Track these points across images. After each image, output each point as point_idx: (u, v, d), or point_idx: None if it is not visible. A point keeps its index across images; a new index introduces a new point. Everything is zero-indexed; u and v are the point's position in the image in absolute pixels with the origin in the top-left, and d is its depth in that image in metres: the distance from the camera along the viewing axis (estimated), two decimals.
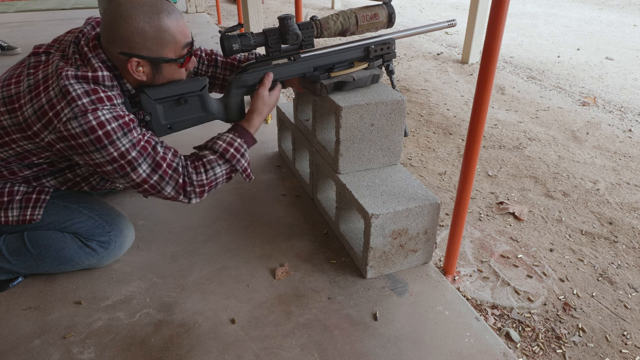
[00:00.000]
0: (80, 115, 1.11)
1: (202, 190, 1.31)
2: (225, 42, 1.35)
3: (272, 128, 2.40)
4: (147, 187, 1.23)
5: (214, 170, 1.31)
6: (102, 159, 1.16)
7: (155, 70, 1.24)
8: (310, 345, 1.18)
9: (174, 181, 1.26)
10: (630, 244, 1.75)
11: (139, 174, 1.20)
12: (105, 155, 1.16)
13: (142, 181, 1.22)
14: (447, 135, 2.65)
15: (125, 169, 1.19)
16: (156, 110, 1.32)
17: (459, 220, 1.39)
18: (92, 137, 1.13)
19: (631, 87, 3.48)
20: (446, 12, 6.32)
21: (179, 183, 1.26)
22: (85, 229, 1.37)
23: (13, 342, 1.18)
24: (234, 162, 1.33)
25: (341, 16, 1.44)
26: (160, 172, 1.23)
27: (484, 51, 1.15)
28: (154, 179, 1.23)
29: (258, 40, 1.39)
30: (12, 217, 1.31)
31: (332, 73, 1.46)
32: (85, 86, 1.14)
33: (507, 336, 1.35)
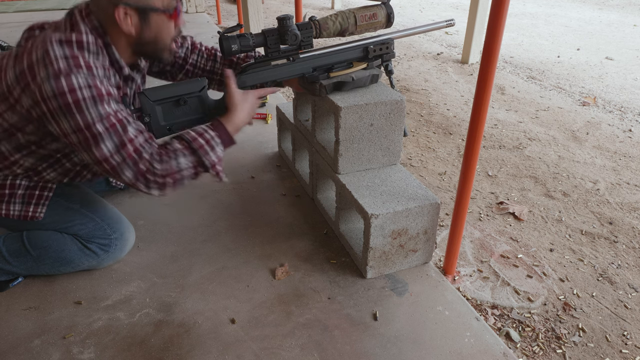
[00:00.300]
0: (53, 77, 1.08)
1: (164, 182, 1.22)
2: (224, 43, 1.34)
3: (272, 128, 2.40)
4: (107, 167, 1.17)
5: (178, 160, 1.23)
6: (68, 126, 1.12)
7: (143, 21, 1.19)
8: (310, 345, 1.18)
9: (136, 167, 1.18)
10: (630, 244, 1.75)
11: (102, 151, 1.14)
12: (71, 122, 1.11)
13: (104, 159, 1.15)
14: (447, 135, 2.65)
15: (88, 141, 1.13)
16: (155, 112, 1.31)
17: (459, 220, 1.39)
18: (61, 101, 1.09)
19: (631, 87, 3.48)
20: (446, 12, 6.32)
21: (140, 170, 1.19)
22: (86, 231, 1.36)
23: (13, 342, 1.18)
24: (201, 153, 1.24)
25: (340, 16, 1.44)
26: (124, 154, 1.16)
27: (484, 51, 1.15)
28: (116, 160, 1.16)
29: (257, 41, 1.39)
30: (14, 212, 1.30)
31: (332, 73, 1.46)
32: (67, 51, 1.11)
33: (507, 336, 1.35)
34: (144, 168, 1.19)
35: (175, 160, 1.22)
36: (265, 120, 2.49)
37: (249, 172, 1.99)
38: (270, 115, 2.51)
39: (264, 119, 2.50)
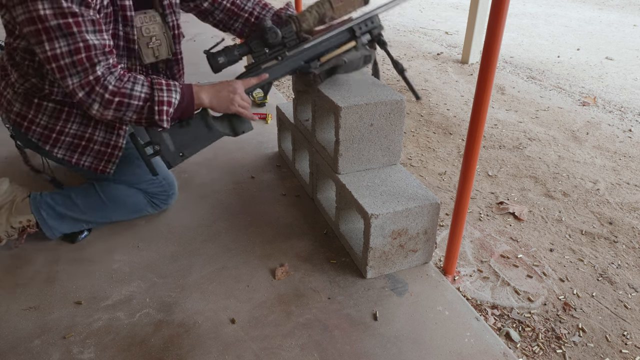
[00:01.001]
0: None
1: (110, 100, 1.20)
2: (211, 60, 1.35)
3: (272, 128, 2.40)
4: (54, 66, 1.14)
5: (134, 86, 1.22)
6: (22, 15, 1.09)
7: None
8: (310, 345, 1.18)
9: (85, 74, 1.15)
10: (630, 244, 1.75)
11: (53, 48, 1.11)
12: (25, 12, 1.08)
13: (52, 57, 1.12)
14: (447, 135, 2.65)
15: (40, 35, 1.10)
16: (163, 139, 1.34)
17: (459, 220, 1.39)
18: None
19: (631, 87, 3.48)
20: (446, 12, 6.32)
21: (88, 79, 1.16)
22: (152, 189, 1.58)
23: (13, 342, 1.18)
24: (156, 88, 1.24)
25: (315, 6, 1.45)
26: (76, 58, 1.13)
27: (484, 51, 1.15)
28: (66, 61, 1.13)
29: (242, 51, 1.39)
30: (85, 162, 1.45)
31: (322, 58, 1.45)
32: None
33: (507, 336, 1.35)
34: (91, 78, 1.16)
35: (131, 84, 1.21)
36: (265, 120, 2.49)
37: (249, 172, 1.99)
38: (270, 115, 2.51)
39: (264, 119, 2.50)
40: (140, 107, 1.24)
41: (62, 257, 1.48)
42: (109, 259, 1.48)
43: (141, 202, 1.59)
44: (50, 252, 1.50)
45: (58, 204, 1.50)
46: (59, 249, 1.51)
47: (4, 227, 1.46)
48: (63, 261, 1.46)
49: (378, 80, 1.58)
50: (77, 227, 1.54)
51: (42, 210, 1.48)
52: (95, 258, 1.48)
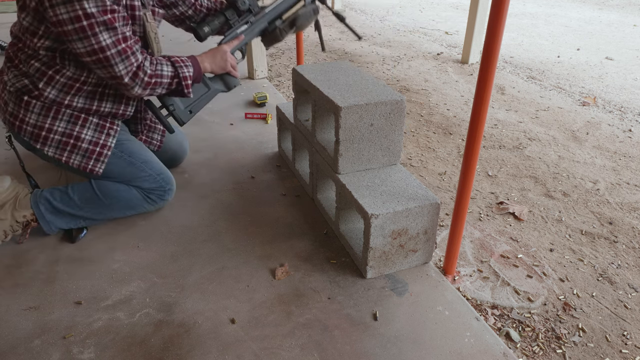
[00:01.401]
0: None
1: (148, 82, 1.39)
2: (199, 31, 1.62)
3: (272, 128, 2.40)
4: (102, 56, 1.28)
5: (162, 67, 1.43)
6: (65, 15, 1.21)
7: None
8: (310, 345, 1.18)
9: (129, 62, 1.33)
10: (630, 244, 1.75)
11: (99, 41, 1.26)
12: (70, 11, 1.20)
13: (100, 49, 1.27)
14: (447, 135, 2.65)
15: (85, 32, 1.23)
16: (174, 101, 1.59)
17: (459, 220, 1.39)
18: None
19: (631, 87, 3.48)
20: (446, 12, 6.32)
21: (133, 65, 1.34)
22: (147, 185, 1.59)
23: (13, 342, 1.19)
24: (178, 66, 1.46)
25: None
26: (120, 48, 1.30)
27: (484, 51, 1.15)
28: (112, 51, 1.29)
29: (220, 20, 1.67)
30: (74, 161, 1.48)
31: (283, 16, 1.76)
32: None
33: (507, 336, 1.35)
34: (135, 65, 1.34)
35: (160, 66, 1.43)
36: (265, 120, 2.49)
37: (249, 172, 1.99)
38: (270, 115, 2.51)
39: (264, 119, 2.50)
40: (169, 84, 1.47)
41: (62, 257, 1.48)
42: (109, 259, 1.48)
43: (136, 198, 1.59)
44: (50, 252, 1.50)
45: (56, 199, 1.52)
46: (59, 249, 1.51)
47: (9, 221, 1.49)
48: (63, 261, 1.46)
49: (378, 80, 1.58)
50: (74, 223, 1.56)
51: (41, 204, 1.51)
52: (95, 258, 1.48)
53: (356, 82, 1.57)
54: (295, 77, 1.73)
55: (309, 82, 1.59)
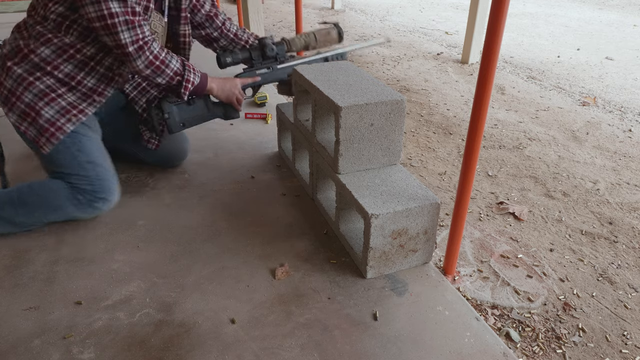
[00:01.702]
0: None
1: (152, 61, 1.48)
2: (220, 58, 1.77)
3: (272, 128, 2.40)
4: (109, 22, 1.38)
5: (171, 60, 1.53)
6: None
7: None
8: (310, 345, 1.18)
9: (135, 32, 1.42)
10: (630, 244, 1.75)
11: (109, 7, 1.35)
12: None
13: (109, 15, 1.36)
14: (447, 135, 2.65)
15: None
16: (172, 110, 1.69)
17: (459, 220, 1.39)
18: None
19: (631, 87, 3.48)
20: (446, 12, 6.32)
21: (138, 36, 1.43)
22: (80, 184, 1.53)
23: (13, 342, 1.19)
24: (187, 69, 1.58)
25: (304, 36, 1.90)
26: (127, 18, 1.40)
27: (484, 51, 1.15)
28: (120, 19, 1.38)
29: (244, 55, 1.81)
30: (31, 133, 1.48)
31: None
32: None
33: (507, 336, 1.35)
34: (141, 38, 1.43)
35: (169, 57, 1.53)
36: (265, 120, 2.49)
37: (249, 172, 1.99)
38: (270, 115, 2.51)
39: (264, 119, 2.50)
40: (171, 78, 1.55)
41: (62, 257, 1.48)
42: (109, 259, 1.48)
43: (62, 197, 1.53)
44: (50, 252, 1.50)
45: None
46: (59, 249, 1.51)
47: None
48: (63, 261, 1.46)
49: (378, 80, 1.58)
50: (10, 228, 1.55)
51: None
52: (95, 258, 1.48)
53: (356, 82, 1.57)
54: (295, 77, 1.73)
55: (309, 82, 1.59)
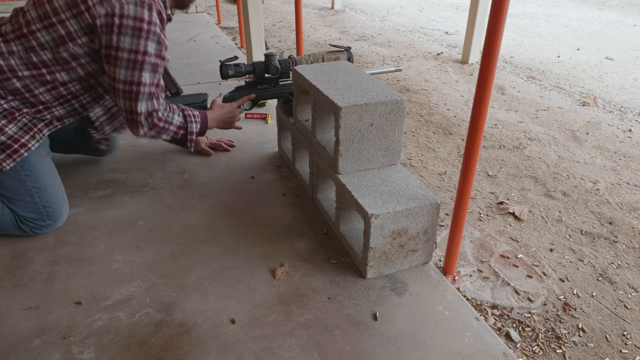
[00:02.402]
0: (139, 4, 1.35)
1: (156, 124, 1.54)
2: (223, 69, 1.80)
3: (272, 128, 2.40)
4: (135, 89, 1.44)
5: (173, 115, 1.59)
6: (127, 44, 1.38)
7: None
8: (310, 345, 1.18)
9: (152, 104, 1.49)
10: (630, 244, 1.75)
11: (141, 76, 1.43)
12: (133, 44, 1.38)
13: (138, 82, 1.44)
14: (447, 135, 2.65)
15: (136, 64, 1.41)
16: None
17: (459, 220, 1.39)
18: (137, 24, 1.36)
19: (631, 87, 3.48)
20: (446, 12, 6.32)
21: (154, 107, 1.51)
22: (23, 212, 1.51)
23: (13, 342, 1.19)
24: (188, 120, 1.63)
25: (312, 57, 1.91)
26: (153, 89, 1.48)
27: (484, 51, 1.15)
28: (146, 89, 1.46)
29: (248, 69, 1.84)
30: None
31: None
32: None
33: (507, 336, 1.35)
34: (156, 106, 1.51)
35: (171, 114, 1.58)
36: (265, 120, 2.49)
37: (249, 172, 1.99)
38: (270, 115, 2.51)
39: (264, 119, 2.50)
40: (175, 133, 1.61)
41: (62, 257, 1.48)
42: (109, 259, 1.48)
43: (6, 223, 1.51)
44: (50, 252, 1.50)
45: None
46: (59, 249, 1.51)
47: None
48: (63, 261, 1.46)
49: (378, 80, 1.58)
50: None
51: None
52: (95, 258, 1.48)
53: (356, 82, 1.57)
54: (295, 77, 1.73)
55: (309, 82, 1.59)
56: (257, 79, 1.87)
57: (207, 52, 3.86)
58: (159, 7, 1.41)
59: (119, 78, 1.42)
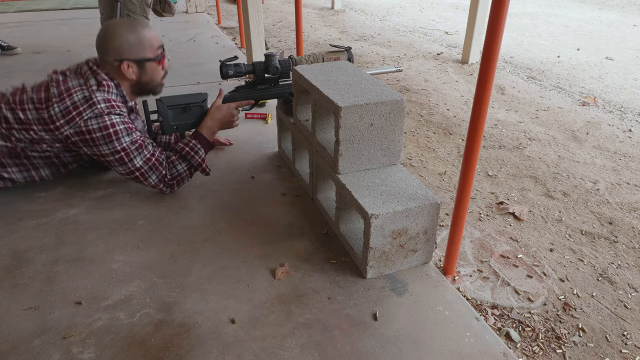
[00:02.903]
0: (99, 116, 1.54)
1: (172, 184, 1.73)
2: (223, 69, 1.80)
3: (272, 128, 2.40)
4: (138, 174, 1.65)
5: (177, 168, 1.72)
6: (107, 150, 1.59)
7: (141, 69, 1.67)
8: (310, 345, 1.18)
9: (159, 172, 1.68)
10: (630, 244, 1.75)
11: (134, 164, 1.63)
12: (111, 148, 1.58)
13: (136, 169, 1.64)
14: (447, 135, 2.65)
15: (124, 159, 1.61)
16: (167, 114, 1.76)
17: (459, 220, 1.39)
18: (105, 133, 1.56)
19: (631, 87, 3.48)
20: (446, 12, 6.32)
21: (162, 173, 1.69)
22: None
23: (13, 342, 1.19)
24: (189, 158, 1.72)
25: (312, 57, 1.90)
26: (150, 164, 1.65)
27: (484, 51, 1.15)
28: (145, 168, 1.65)
29: (248, 69, 1.84)
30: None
31: None
32: (105, 95, 1.58)
33: (507, 336, 1.35)
34: (163, 172, 1.69)
35: (175, 169, 1.72)
36: (265, 120, 2.49)
37: (249, 172, 1.99)
38: (270, 115, 2.51)
39: (264, 119, 2.50)
40: (188, 174, 1.76)
41: (62, 257, 1.48)
42: (109, 259, 1.48)
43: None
44: (50, 252, 1.50)
45: None
46: (59, 249, 1.51)
47: None
48: (63, 261, 1.46)
49: (378, 81, 1.58)
50: None
51: None
52: (95, 258, 1.48)
53: (356, 82, 1.57)
54: (295, 77, 1.73)
55: (309, 82, 1.59)
56: (257, 79, 1.88)
57: (207, 52, 3.86)
58: (117, 106, 1.59)
59: (122, 173, 1.65)
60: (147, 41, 1.66)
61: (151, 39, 1.67)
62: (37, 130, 1.58)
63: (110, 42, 1.61)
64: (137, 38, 1.64)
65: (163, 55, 1.73)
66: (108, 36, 1.62)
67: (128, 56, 1.63)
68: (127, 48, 1.62)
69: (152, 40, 1.67)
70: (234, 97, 1.88)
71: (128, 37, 1.62)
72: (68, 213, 1.69)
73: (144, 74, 1.69)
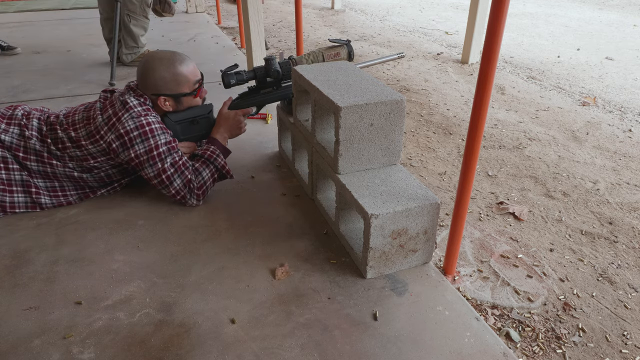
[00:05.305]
0: (135, 117, 1.60)
1: (198, 194, 1.70)
2: (225, 79, 1.81)
3: (272, 128, 2.40)
4: (164, 177, 1.64)
5: (202, 175, 1.71)
6: (143, 149, 1.60)
7: (177, 102, 1.74)
8: (310, 345, 1.18)
9: (184, 175, 1.66)
10: (630, 244, 1.75)
11: (164, 165, 1.62)
12: (146, 146, 1.60)
13: (163, 171, 1.63)
14: (447, 135, 2.65)
15: (155, 159, 1.62)
16: (176, 129, 1.76)
17: (459, 220, 1.39)
18: (141, 131, 1.59)
19: (631, 87, 3.48)
20: (446, 12, 6.32)
21: (187, 177, 1.66)
22: None
23: (13, 342, 1.19)
24: (212, 160, 1.72)
25: (312, 55, 1.93)
26: (177, 167, 1.65)
27: (484, 51, 1.15)
28: (171, 171, 1.64)
29: (249, 76, 1.85)
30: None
31: None
32: (140, 100, 1.66)
33: (507, 336, 1.35)
34: (189, 176, 1.67)
35: (200, 176, 1.70)
36: (265, 120, 2.49)
37: (249, 172, 1.99)
38: (270, 115, 2.51)
39: (264, 119, 2.50)
40: (213, 180, 1.74)
41: (62, 257, 1.48)
42: (109, 259, 1.48)
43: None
44: (50, 252, 1.50)
45: None
46: (59, 249, 1.51)
47: None
48: (63, 261, 1.46)
49: (378, 80, 1.58)
50: None
51: None
52: (95, 258, 1.48)
53: (356, 82, 1.57)
54: (295, 77, 1.73)
55: (308, 82, 1.59)
56: (260, 84, 1.89)
57: (207, 52, 3.86)
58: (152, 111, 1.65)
59: (150, 175, 1.64)
60: (182, 78, 1.70)
61: (188, 75, 1.71)
62: (86, 145, 1.63)
63: (147, 77, 1.67)
64: (173, 75, 1.68)
65: (200, 89, 1.77)
66: (146, 71, 1.67)
67: (164, 92, 1.69)
68: (163, 85, 1.68)
69: (188, 76, 1.71)
70: (239, 105, 1.89)
71: (164, 74, 1.67)
72: (68, 213, 1.69)
73: (180, 105, 1.75)
